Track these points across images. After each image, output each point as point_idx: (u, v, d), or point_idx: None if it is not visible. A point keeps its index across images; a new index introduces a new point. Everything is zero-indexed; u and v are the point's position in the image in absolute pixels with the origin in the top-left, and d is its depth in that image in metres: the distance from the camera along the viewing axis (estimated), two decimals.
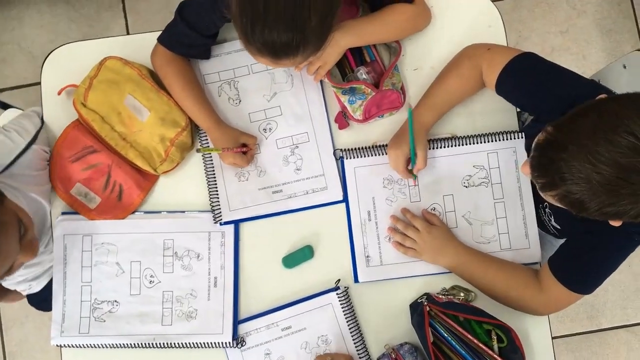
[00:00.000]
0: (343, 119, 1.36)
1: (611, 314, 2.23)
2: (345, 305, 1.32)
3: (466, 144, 1.34)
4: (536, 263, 1.34)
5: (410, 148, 1.26)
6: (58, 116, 1.37)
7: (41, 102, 1.39)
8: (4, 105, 1.74)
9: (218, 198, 1.35)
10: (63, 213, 1.36)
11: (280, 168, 1.36)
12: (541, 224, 1.35)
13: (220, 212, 1.34)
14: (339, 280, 1.33)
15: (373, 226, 1.35)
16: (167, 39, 1.30)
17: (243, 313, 1.34)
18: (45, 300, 1.43)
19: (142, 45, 1.35)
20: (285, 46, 1.06)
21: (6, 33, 2.32)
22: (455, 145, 1.34)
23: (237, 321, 1.33)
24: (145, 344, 1.32)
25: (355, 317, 1.32)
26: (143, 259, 1.34)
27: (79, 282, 1.34)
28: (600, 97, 0.99)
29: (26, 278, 1.47)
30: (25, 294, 1.58)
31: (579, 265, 1.20)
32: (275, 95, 1.37)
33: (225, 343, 1.31)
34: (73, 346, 1.34)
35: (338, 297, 1.32)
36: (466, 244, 1.32)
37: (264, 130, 1.37)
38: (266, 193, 1.35)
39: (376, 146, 1.35)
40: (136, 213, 1.36)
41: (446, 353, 1.23)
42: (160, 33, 1.31)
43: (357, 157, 1.35)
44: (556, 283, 1.20)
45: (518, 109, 1.37)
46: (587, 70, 2.28)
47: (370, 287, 1.34)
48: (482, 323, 1.24)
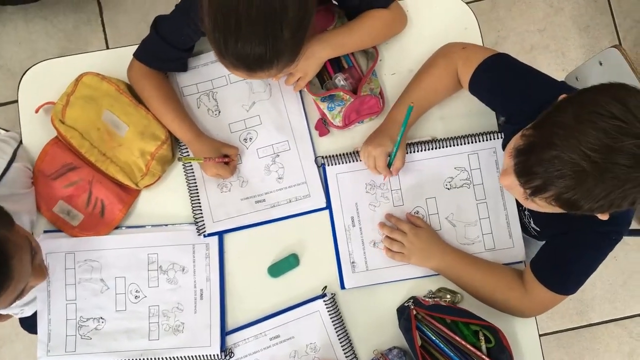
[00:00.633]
0: (323, 126, 1.36)
1: (600, 309, 2.24)
2: (332, 312, 1.31)
3: (447, 146, 1.34)
4: (520, 262, 1.34)
5: (395, 144, 1.25)
6: (37, 134, 1.36)
7: (19, 120, 1.38)
8: None
9: (201, 210, 1.34)
10: (45, 231, 1.35)
11: (262, 177, 1.36)
12: (522, 227, 1.35)
13: (203, 224, 1.34)
14: (326, 287, 1.33)
15: (357, 232, 1.35)
16: (143, 54, 1.29)
17: (230, 324, 1.33)
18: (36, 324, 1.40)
19: (121, 58, 1.35)
20: (259, 59, 1.06)
21: None
22: (436, 147, 1.35)
23: (225, 333, 1.32)
24: None
25: (343, 324, 1.32)
26: (128, 274, 1.33)
27: (64, 300, 1.33)
28: (562, 96, 1.00)
29: (17, 303, 1.45)
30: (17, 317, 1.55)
31: (559, 266, 1.20)
32: (254, 104, 1.37)
33: (213, 355, 1.31)
34: None
35: (325, 304, 1.31)
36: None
37: (245, 140, 1.37)
38: (249, 203, 1.35)
39: (357, 152, 1.35)
40: (120, 228, 1.35)
41: (435, 356, 1.23)
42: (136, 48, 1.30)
43: (339, 164, 1.35)
44: (539, 285, 1.21)
45: None
46: (567, 67, 2.30)
47: (357, 293, 1.34)
48: (470, 324, 1.24)
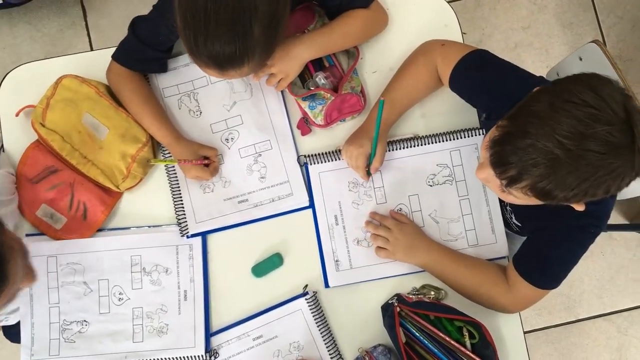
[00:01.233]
0: (305, 125, 1.37)
1: (588, 304, 2.25)
2: (314, 310, 1.31)
3: (429, 143, 1.35)
4: (504, 257, 1.35)
5: (373, 142, 1.25)
6: (18, 138, 1.35)
7: (0, 124, 1.38)
8: None
9: (184, 211, 1.34)
10: (27, 235, 1.34)
11: (244, 177, 1.36)
12: (505, 222, 1.35)
13: (186, 225, 1.33)
14: (307, 285, 1.33)
15: (341, 230, 1.35)
16: (122, 56, 1.29)
17: (215, 325, 1.33)
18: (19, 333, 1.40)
19: (103, 60, 1.34)
20: (229, 57, 1.06)
21: None
22: (417, 145, 1.35)
23: (209, 334, 1.32)
24: None
25: (325, 322, 1.32)
26: (111, 277, 1.33)
27: (47, 304, 1.32)
28: (537, 88, 1.01)
29: (5, 310, 1.44)
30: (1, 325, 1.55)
31: (540, 261, 1.21)
32: (235, 104, 1.37)
33: (198, 356, 1.31)
34: None
35: (307, 303, 1.31)
36: None
37: (227, 140, 1.37)
38: (232, 203, 1.35)
39: (340, 150, 1.35)
40: (103, 230, 1.35)
41: (419, 353, 1.23)
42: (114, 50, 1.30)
43: (321, 162, 1.35)
44: (521, 280, 1.21)
45: None
46: (551, 64, 2.29)
47: (341, 291, 1.34)
48: (453, 320, 1.24)
